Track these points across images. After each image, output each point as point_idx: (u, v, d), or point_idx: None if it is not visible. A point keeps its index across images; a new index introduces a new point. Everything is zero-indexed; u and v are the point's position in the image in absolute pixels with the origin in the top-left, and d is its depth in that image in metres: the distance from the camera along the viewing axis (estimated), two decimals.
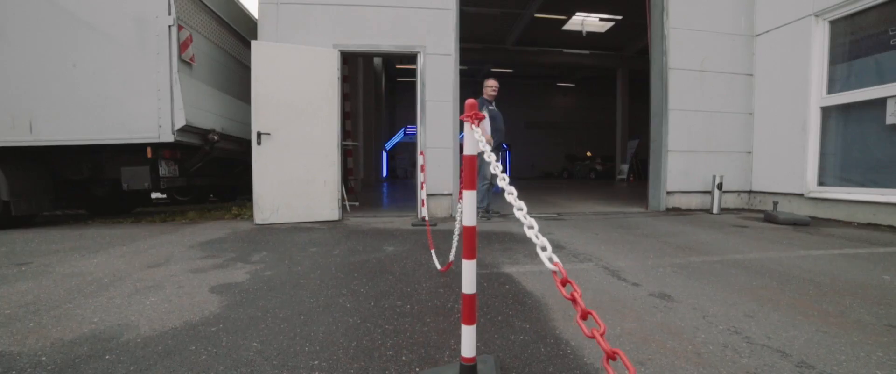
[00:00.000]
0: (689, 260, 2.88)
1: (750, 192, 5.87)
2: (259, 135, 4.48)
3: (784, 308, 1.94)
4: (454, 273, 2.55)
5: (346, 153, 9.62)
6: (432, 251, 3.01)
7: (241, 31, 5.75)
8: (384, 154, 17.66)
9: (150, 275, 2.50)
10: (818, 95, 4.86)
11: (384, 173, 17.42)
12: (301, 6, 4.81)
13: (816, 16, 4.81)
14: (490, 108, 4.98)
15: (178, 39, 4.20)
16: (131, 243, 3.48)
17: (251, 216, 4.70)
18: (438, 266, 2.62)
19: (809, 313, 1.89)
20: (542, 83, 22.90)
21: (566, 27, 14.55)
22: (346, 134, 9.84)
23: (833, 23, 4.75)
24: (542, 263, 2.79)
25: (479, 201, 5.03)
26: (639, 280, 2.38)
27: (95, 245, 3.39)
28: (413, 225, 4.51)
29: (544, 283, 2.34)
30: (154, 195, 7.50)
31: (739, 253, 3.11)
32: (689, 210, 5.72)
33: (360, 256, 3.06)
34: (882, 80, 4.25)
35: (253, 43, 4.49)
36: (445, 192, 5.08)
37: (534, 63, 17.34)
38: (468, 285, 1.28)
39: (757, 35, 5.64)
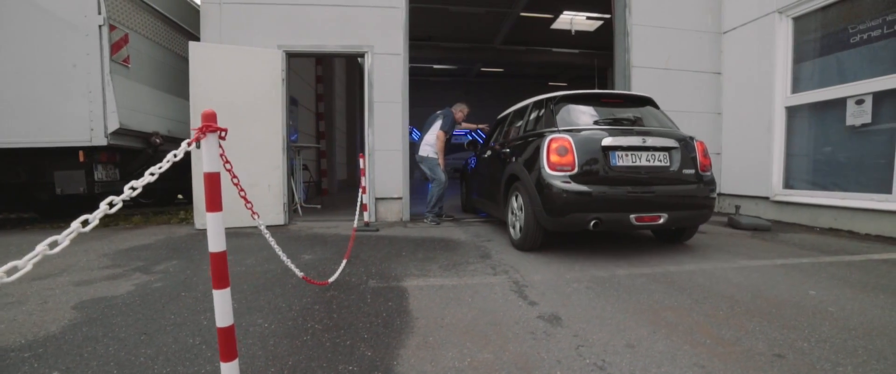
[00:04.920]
0: (613, 273, 2.70)
1: (719, 194, 5.65)
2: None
3: (678, 335, 1.76)
4: (346, 287, 2.40)
5: (319, 154, 9.53)
6: (343, 262, 2.86)
7: (193, 31, 5.62)
8: None
9: (24, 289, 2.36)
10: (783, 94, 4.64)
11: None
12: (244, 6, 4.67)
13: (780, 12, 4.59)
14: (454, 133, 5.09)
15: (110, 40, 4.08)
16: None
17: None
18: (335, 276, 2.46)
19: (702, 340, 1.70)
20: (534, 82, 22.56)
21: (555, 26, 14.32)
22: (319, 135, 9.76)
23: (796, 20, 4.52)
24: (451, 276, 2.64)
25: (432, 205, 4.87)
26: (539, 298, 2.21)
27: (1, 253, 3.26)
28: (356, 230, 4.35)
29: (435, 300, 2.18)
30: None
31: (675, 264, 2.92)
32: None
33: (270, 265, 2.91)
34: (843, 79, 4.03)
35: (191, 44, 4.36)
36: (395, 195, 4.92)
37: (523, 62, 17.14)
38: (222, 317, 1.12)
39: (724, 32, 5.41)
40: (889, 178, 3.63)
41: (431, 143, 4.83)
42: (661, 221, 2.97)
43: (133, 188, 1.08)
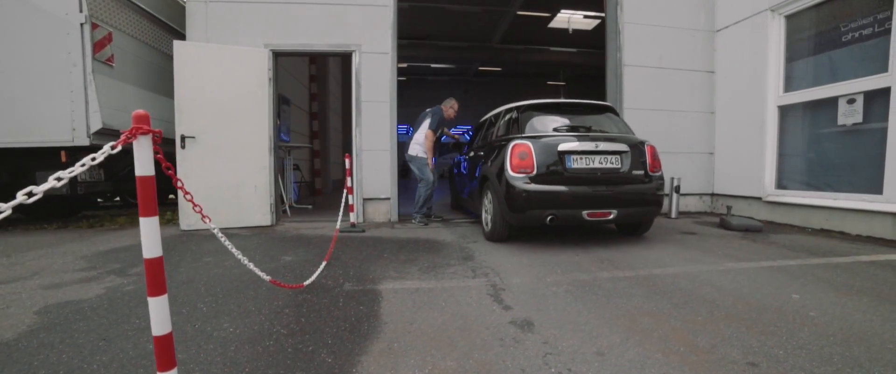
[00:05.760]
0: (596, 276, 2.64)
1: (712, 194, 5.60)
2: (183, 138, 4.30)
3: (651, 341, 1.71)
4: (320, 290, 2.35)
5: (312, 154, 9.48)
6: (323, 263, 2.81)
7: (180, 29, 5.57)
8: None
9: None
10: (775, 93, 4.58)
11: None
12: (231, 4, 4.61)
13: (772, 10, 4.52)
14: (446, 130, 5.12)
15: (92, 38, 4.03)
16: (22, 253, 3.31)
17: None
18: (314, 278, 2.42)
19: (675, 348, 1.65)
20: (532, 82, 22.49)
21: (552, 25, 14.25)
22: (313, 135, 9.70)
23: (789, 18, 4.46)
24: (429, 278, 2.59)
25: (420, 206, 4.82)
26: (515, 303, 2.16)
27: None
28: (342, 232, 4.30)
29: (408, 304, 2.13)
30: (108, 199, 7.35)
31: (660, 267, 2.87)
32: None
33: (247, 267, 2.86)
34: (835, 78, 3.97)
35: (175, 43, 4.31)
36: (383, 196, 4.87)
37: (521, 61, 17.05)
38: (158, 325, 1.08)
39: (717, 30, 5.35)
40: (880, 178, 3.58)
41: (421, 142, 4.77)
42: (612, 216, 3.34)
43: (30, 194, 1.00)
